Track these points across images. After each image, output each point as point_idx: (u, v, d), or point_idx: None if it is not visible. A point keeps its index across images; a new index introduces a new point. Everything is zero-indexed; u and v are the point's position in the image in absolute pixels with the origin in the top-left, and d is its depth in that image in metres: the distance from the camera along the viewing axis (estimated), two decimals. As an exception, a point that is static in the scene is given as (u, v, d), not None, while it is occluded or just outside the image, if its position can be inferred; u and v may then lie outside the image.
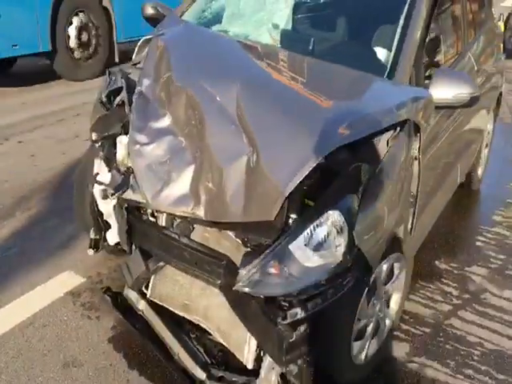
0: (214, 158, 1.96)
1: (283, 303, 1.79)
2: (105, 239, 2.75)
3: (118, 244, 2.78)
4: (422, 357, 2.50)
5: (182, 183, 2.05)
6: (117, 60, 7.01)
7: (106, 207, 2.64)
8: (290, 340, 1.79)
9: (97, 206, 2.67)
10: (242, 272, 1.78)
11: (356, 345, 2.18)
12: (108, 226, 2.70)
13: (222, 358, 2.23)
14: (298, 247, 1.78)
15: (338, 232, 1.79)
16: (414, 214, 2.28)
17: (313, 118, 1.97)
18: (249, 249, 1.90)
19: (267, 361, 1.98)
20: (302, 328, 1.82)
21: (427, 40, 2.52)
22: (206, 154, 1.99)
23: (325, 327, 1.97)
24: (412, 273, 2.54)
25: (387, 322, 2.38)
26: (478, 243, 3.53)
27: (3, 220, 3.45)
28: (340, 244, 1.79)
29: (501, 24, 7.16)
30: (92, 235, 2.74)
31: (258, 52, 2.50)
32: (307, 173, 1.76)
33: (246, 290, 1.77)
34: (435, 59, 2.71)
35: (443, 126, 2.66)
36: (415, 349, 2.54)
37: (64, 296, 2.76)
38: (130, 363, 2.36)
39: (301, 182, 1.80)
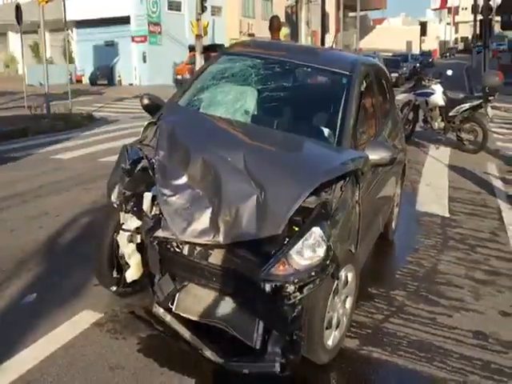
0: (230, 200, 2.90)
1: (286, 290, 2.71)
2: (124, 279, 3.52)
3: (132, 283, 3.58)
4: (368, 346, 3.46)
5: (202, 221, 2.94)
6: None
7: (127, 250, 3.44)
8: (293, 314, 2.71)
9: (119, 250, 3.46)
10: (262, 269, 2.69)
11: (326, 333, 3.09)
12: (127, 267, 3.49)
13: (232, 351, 3.06)
14: (295, 252, 2.74)
15: (319, 242, 2.78)
16: (357, 239, 3.31)
17: (302, 165, 3.04)
18: (260, 258, 2.82)
19: (272, 338, 2.86)
20: (299, 307, 2.75)
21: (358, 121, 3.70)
22: (223, 199, 2.92)
23: (308, 314, 2.88)
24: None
25: (345, 319, 3.32)
26: (397, 276, 4.65)
27: (11, 279, 4.07)
28: (321, 250, 2.77)
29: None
30: (114, 274, 3.52)
31: (244, 128, 3.55)
32: (302, 201, 2.76)
33: (266, 279, 2.67)
34: (363, 135, 3.88)
35: (369, 186, 3.78)
36: (362, 342, 3.50)
37: (91, 326, 3.46)
38: (161, 363, 3.10)
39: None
